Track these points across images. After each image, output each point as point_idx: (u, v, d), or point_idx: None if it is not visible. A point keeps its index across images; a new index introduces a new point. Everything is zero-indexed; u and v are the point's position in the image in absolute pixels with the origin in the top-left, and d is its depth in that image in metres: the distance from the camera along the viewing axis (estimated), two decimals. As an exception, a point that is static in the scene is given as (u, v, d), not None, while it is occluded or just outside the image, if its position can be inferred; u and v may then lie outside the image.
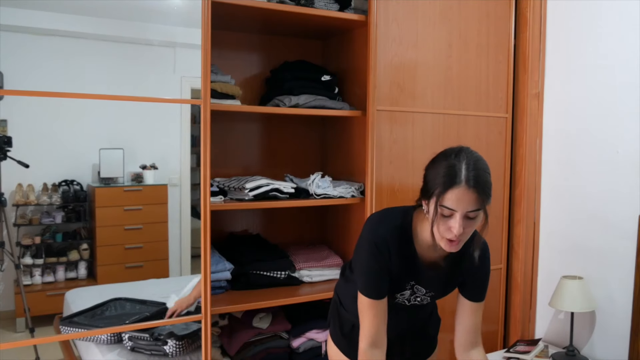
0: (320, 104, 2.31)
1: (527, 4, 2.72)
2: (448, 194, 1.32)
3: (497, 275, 2.80)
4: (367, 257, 1.49)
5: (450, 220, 1.34)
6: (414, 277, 1.54)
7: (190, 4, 2.12)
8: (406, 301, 1.60)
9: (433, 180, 1.37)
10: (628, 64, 2.34)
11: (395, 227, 1.49)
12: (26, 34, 2.27)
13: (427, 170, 1.42)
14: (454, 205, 1.32)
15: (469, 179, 1.31)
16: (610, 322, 2.41)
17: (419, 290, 1.57)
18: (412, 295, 1.58)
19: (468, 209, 1.32)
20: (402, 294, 1.57)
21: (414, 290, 1.57)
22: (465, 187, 1.31)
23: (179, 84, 2.59)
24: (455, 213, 1.33)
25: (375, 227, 1.51)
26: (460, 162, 1.34)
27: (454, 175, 1.32)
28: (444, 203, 1.33)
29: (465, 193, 1.31)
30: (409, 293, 1.57)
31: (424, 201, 1.42)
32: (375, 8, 2.31)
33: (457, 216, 1.33)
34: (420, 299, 1.60)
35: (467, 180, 1.31)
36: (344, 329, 1.74)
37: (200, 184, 2.02)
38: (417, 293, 1.58)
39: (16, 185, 2.33)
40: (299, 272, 2.39)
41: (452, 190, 1.31)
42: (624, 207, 2.35)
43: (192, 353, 2.20)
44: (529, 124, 2.75)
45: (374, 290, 1.50)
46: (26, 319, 2.30)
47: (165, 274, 2.69)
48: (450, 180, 1.32)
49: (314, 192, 2.29)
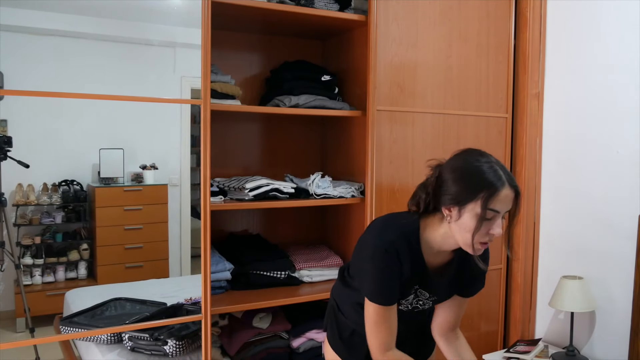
0: (320, 104, 2.31)
1: (527, 4, 2.72)
2: (497, 196, 1.30)
3: (497, 275, 2.80)
4: (376, 263, 1.44)
5: (491, 223, 1.33)
6: (418, 281, 1.51)
7: (190, 4, 2.12)
8: (409, 305, 1.58)
9: (470, 184, 1.33)
10: (628, 64, 2.34)
11: (402, 233, 1.45)
12: (26, 34, 2.27)
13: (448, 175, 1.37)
14: (501, 207, 1.32)
15: (510, 179, 1.32)
16: (610, 322, 2.41)
17: (422, 294, 1.55)
18: (415, 299, 1.56)
19: (508, 209, 1.34)
20: (406, 300, 1.55)
21: (417, 294, 1.55)
22: (509, 188, 1.31)
23: (179, 84, 2.59)
24: (497, 215, 1.33)
25: (382, 233, 1.46)
26: (493, 164, 1.34)
27: (498, 176, 1.31)
28: (493, 206, 1.30)
29: (510, 193, 1.32)
30: (412, 297, 1.55)
31: (447, 208, 1.37)
32: (375, 8, 2.31)
33: (499, 218, 1.33)
34: (422, 303, 1.58)
35: (509, 181, 1.32)
36: (342, 334, 1.69)
37: (200, 184, 2.02)
38: (420, 297, 1.56)
39: (16, 185, 2.33)
40: (299, 272, 2.39)
41: (501, 192, 1.30)
42: (624, 207, 2.35)
43: (192, 353, 2.20)
44: (529, 124, 2.75)
45: (386, 297, 1.45)
46: (26, 319, 2.30)
47: (165, 274, 2.69)
48: (497, 181, 1.31)
49: (314, 192, 2.29)
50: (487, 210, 1.30)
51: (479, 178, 1.32)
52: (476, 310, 2.75)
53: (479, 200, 1.31)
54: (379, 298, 1.45)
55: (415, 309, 1.60)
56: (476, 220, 1.32)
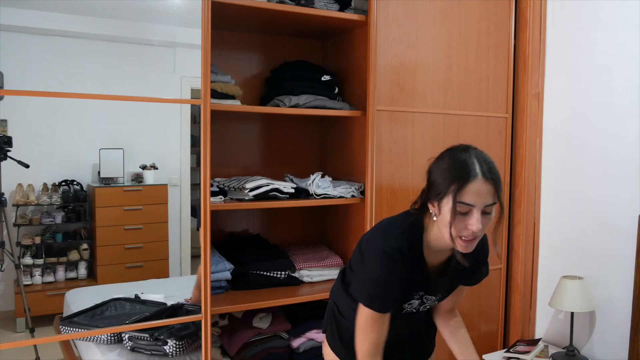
0: (320, 104, 2.31)
1: (527, 4, 2.72)
2: (467, 188, 1.27)
3: (497, 275, 2.81)
4: (380, 269, 1.41)
5: (468, 218, 1.30)
6: (422, 287, 1.50)
7: (190, 4, 2.12)
8: (414, 309, 1.58)
9: (444, 178, 1.32)
10: (628, 64, 2.34)
11: (408, 239, 1.42)
12: (26, 34, 2.27)
13: (433, 171, 1.38)
14: (472, 200, 1.28)
15: (484, 171, 1.29)
16: (610, 322, 2.41)
17: (429, 299, 1.54)
18: (420, 305, 1.55)
19: (486, 203, 1.29)
20: (409, 304, 1.53)
21: (423, 300, 1.54)
22: (482, 180, 1.28)
23: (179, 84, 2.59)
24: (473, 209, 1.29)
25: (388, 239, 1.43)
26: (471, 157, 1.31)
27: (469, 169, 1.29)
28: (463, 199, 1.28)
29: (483, 186, 1.28)
30: (417, 303, 1.54)
31: (431, 203, 1.37)
32: (375, 8, 2.31)
33: (475, 212, 1.29)
34: (430, 305, 1.61)
35: (483, 172, 1.29)
36: (343, 337, 1.67)
37: (200, 184, 2.02)
38: (427, 302, 1.55)
39: (16, 185, 2.33)
40: (299, 272, 2.39)
41: (470, 185, 1.27)
42: (624, 207, 2.35)
43: (192, 353, 2.20)
44: (529, 124, 2.75)
45: (383, 304, 1.43)
46: (26, 319, 2.30)
47: (165, 274, 2.69)
48: (467, 174, 1.28)
49: (314, 192, 2.29)
50: (457, 203, 1.28)
51: (452, 171, 1.31)
52: (476, 310, 2.76)
53: (450, 193, 1.29)
54: (376, 305, 1.43)
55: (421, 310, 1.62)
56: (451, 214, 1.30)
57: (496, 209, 1.35)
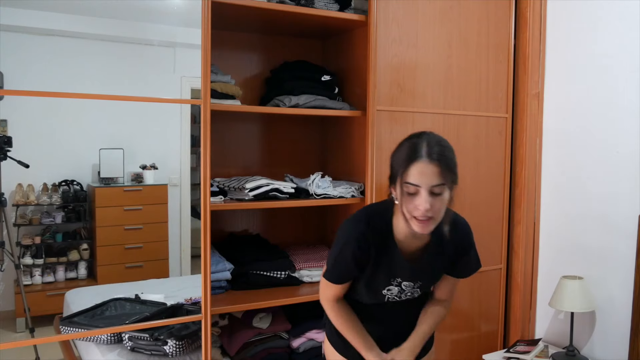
0: (320, 104, 2.31)
1: (527, 4, 2.72)
2: (410, 169, 1.34)
3: (497, 275, 2.81)
4: (342, 250, 1.52)
5: (417, 198, 1.35)
6: (397, 273, 1.55)
7: (190, 4, 2.12)
8: (396, 297, 1.61)
9: (397, 162, 1.39)
10: (628, 64, 2.34)
11: (374, 221, 1.51)
12: (26, 34, 2.27)
13: (391, 157, 1.45)
14: (417, 180, 1.34)
15: (430, 153, 1.34)
16: (610, 322, 2.41)
17: (407, 286, 1.59)
18: (400, 292, 1.60)
19: (432, 184, 1.34)
20: (389, 290, 1.58)
21: (402, 287, 1.58)
22: (427, 160, 1.34)
23: (179, 84, 2.59)
24: (420, 189, 1.34)
25: (355, 220, 1.54)
26: (421, 141, 1.38)
27: (416, 151, 1.36)
28: (408, 179, 1.35)
29: (427, 166, 1.33)
30: (397, 290, 1.59)
31: (392, 188, 1.44)
32: (375, 8, 2.31)
33: (422, 192, 1.34)
34: (411, 293, 1.61)
35: (429, 154, 1.34)
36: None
37: (200, 184, 2.02)
38: (406, 289, 1.59)
39: (16, 185, 2.33)
40: (299, 272, 2.39)
41: (414, 165, 1.34)
42: (624, 207, 2.35)
43: (192, 353, 2.20)
44: (529, 124, 2.75)
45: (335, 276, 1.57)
46: (26, 319, 2.31)
47: (165, 274, 2.69)
48: (412, 156, 1.35)
49: (314, 192, 2.29)
50: (404, 184, 1.35)
51: (402, 154, 1.38)
52: (476, 310, 2.76)
53: (398, 176, 1.37)
54: (328, 276, 1.58)
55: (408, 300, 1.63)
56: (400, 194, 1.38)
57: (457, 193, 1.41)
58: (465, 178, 2.64)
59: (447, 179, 1.35)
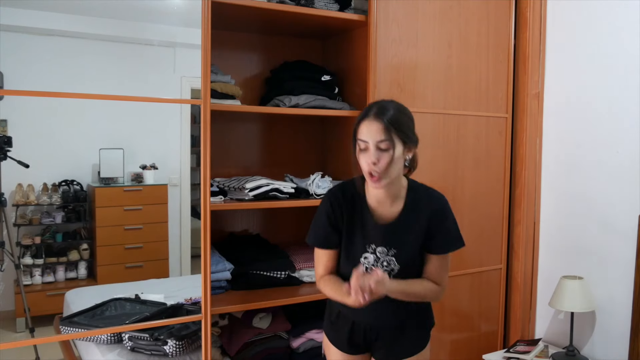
0: (320, 104, 2.31)
1: (527, 4, 2.72)
2: (360, 127, 1.53)
3: (497, 275, 2.81)
4: (319, 212, 1.70)
5: (366, 154, 1.52)
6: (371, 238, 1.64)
7: (190, 4, 2.12)
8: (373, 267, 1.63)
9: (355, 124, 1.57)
10: (628, 64, 2.34)
11: (347, 188, 1.69)
12: (26, 34, 2.27)
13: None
14: (365, 136, 1.52)
15: (377, 113, 1.52)
16: (610, 322, 2.41)
17: (381, 252, 1.64)
18: (376, 261, 1.64)
19: (377, 139, 1.50)
20: (365, 257, 1.65)
21: (377, 254, 1.64)
22: (372, 118, 1.51)
23: (179, 84, 2.59)
24: (368, 144, 1.51)
25: (331, 191, 1.72)
26: (375, 104, 1.56)
27: (366, 112, 1.55)
28: (359, 136, 1.54)
29: (372, 123, 1.51)
30: (372, 258, 1.64)
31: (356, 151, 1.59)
32: (375, 8, 2.31)
33: (370, 147, 1.51)
34: (387, 263, 1.64)
35: (376, 114, 1.52)
36: (331, 316, 1.82)
37: (200, 184, 2.02)
38: (380, 256, 1.64)
39: (16, 185, 2.33)
40: (299, 272, 2.39)
41: (362, 123, 1.53)
42: (624, 207, 2.35)
43: (192, 353, 2.20)
44: (529, 124, 2.75)
45: (318, 239, 1.70)
46: (26, 319, 2.31)
47: (165, 274, 2.69)
48: (363, 115, 1.55)
49: (314, 192, 2.29)
50: (358, 141, 1.54)
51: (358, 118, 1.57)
52: (476, 310, 2.76)
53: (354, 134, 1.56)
54: (312, 239, 1.71)
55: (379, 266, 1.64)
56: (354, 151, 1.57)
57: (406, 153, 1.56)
58: (465, 178, 2.64)
59: (392, 135, 1.50)
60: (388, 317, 1.71)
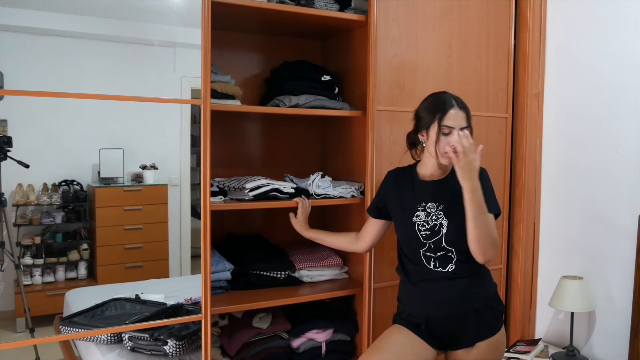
0: (321, 104, 2.31)
1: (527, 4, 2.72)
2: (448, 114, 1.76)
3: (497, 275, 2.80)
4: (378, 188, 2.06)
5: (450, 137, 1.76)
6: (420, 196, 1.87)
7: (190, 4, 2.12)
8: (425, 224, 1.82)
9: (430, 111, 1.81)
10: (628, 64, 2.35)
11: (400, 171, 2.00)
12: (26, 34, 2.27)
13: (419, 111, 1.87)
14: (452, 123, 1.76)
15: (458, 103, 1.80)
16: (610, 322, 2.41)
17: (431, 208, 1.84)
18: (427, 216, 1.84)
19: (462, 125, 1.76)
20: (417, 216, 1.85)
21: (427, 210, 1.85)
22: (458, 108, 1.78)
23: (179, 84, 2.59)
24: (453, 130, 1.76)
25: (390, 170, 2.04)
26: (446, 95, 1.83)
27: (448, 102, 1.79)
28: (446, 122, 1.76)
29: (459, 112, 1.78)
30: (423, 215, 1.85)
31: (421, 134, 1.85)
32: (375, 8, 2.31)
33: (455, 132, 1.75)
34: (435, 217, 1.82)
35: (458, 104, 1.79)
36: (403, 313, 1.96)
37: (200, 184, 2.02)
38: (430, 211, 1.84)
39: (16, 185, 2.33)
40: (299, 272, 2.39)
41: (450, 112, 1.77)
42: (624, 207, 2.35)
43: (192, 353, 2.20)
44: (529, 124, 2.75)
45: (370, 207, 2.08)
46: (26, 319, 2.31)
47: (165, 274, 2.69)
48: (446, 105, 1.78)
49: (314, 192, 2.29)
50: (443, 127, 1.76)
51: (435, 104, 1.81)
52: (476, 310, 2.75)
53: (436, 120, 1.78)
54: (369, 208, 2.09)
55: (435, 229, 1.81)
56: (436, 135, 1.78)
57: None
58: (465, 178, 2.64)
59: (470, 122, 1.79)
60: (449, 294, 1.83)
